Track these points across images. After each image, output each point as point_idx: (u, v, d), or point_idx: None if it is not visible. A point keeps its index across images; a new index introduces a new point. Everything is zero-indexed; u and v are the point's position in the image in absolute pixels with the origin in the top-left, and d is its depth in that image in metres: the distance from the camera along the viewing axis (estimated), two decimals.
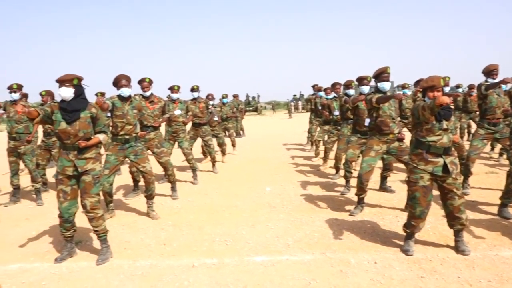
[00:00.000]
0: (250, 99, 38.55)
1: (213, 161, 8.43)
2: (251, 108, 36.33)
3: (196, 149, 9.99)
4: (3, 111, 6.30)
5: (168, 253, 4.11)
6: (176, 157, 8.83)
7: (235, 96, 15.34)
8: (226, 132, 11.13)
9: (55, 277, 3.63)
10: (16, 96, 6.13)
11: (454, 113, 3.92)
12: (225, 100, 11.25)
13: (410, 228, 3.86)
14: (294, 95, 39.50)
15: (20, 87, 6.21)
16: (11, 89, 6.11)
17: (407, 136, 4.68)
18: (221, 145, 9.41)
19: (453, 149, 3.81)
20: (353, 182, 5.98)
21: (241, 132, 15.88)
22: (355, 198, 5.34)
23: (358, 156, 6.30)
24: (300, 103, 37.50)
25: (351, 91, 6.75)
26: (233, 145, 11.14)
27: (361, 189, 5.08)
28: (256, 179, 7.56)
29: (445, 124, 3.64)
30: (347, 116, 6.85)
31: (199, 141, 8.45)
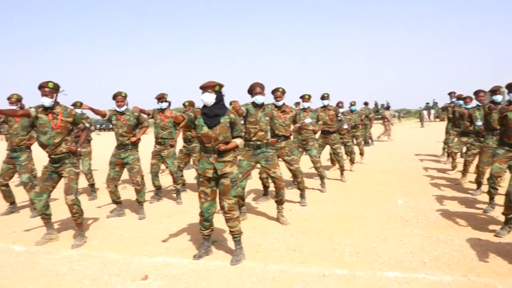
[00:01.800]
0: (379, 106, 37.32)
1: (342, 169, 8.32)
2: (379, 116, 35.16)
3: (324, 157, 9.97)
4: (151, 117, 6.97)
5: (298, 259, 4.13)
6: (304, 164, 8.88)
7: (366, 104, 14.99)
8: (354, 140, 10.92)
9: (194, 273, 3.87)
10: (164, 105, 6.76)
11: None
12: (353, 108, 11.05)
13: None
14: (427, 103, 37.29)
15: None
16: (161, 98, 6.75)
17: None
18: (350, 153, 9.26)
19: None
20: (498, 199, 5.44)
21: (370, 140, 15.48)
22: (501, 217, 4.82)
23: (505, 171, 5.70)
24: (432, 111, 35.29)
25: (499, 98, 6.12)
26: (361, 153, 10.86)
27: (510, 208, 4.56)
28: (386, 190, 7.27)
29: None
30: (493, 127, 6.23)
31: (327, 148, 8.42)
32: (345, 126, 8.93)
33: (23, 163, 6.20)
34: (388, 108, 17.88)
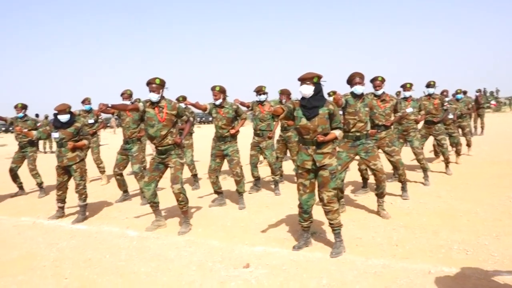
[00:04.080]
0: (488, 94, 34.60)
1: (447, 161, 7.84)
2: (488, 105, 32.67)
3: (427, 148, 9.47)
4: (250, 109, 7.12)
5: (400, 254, 3.98)
6: (405, 156, 8.51)
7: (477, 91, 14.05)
8: (460, 130, 10.22)
9: (294, 263, 3.90)
10: (263, 97, 6.87)
11: None
12: (459, 96, 10.32)
13: None
14: None
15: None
16: (260, 91, 6.86)
17: None
18: (456, 144, 8.68)
19: None
20: None
21: (481, 129, 14.56)
22: None
23: None
24: None
25: None
26: (468, 145, 10.13)
27: None
28: (498, 184, 6.72)
29: None
30: None
31: (430, 139, 7.99)
32: (451, 116, 8.37)
33: (135, 154, 6.68)
34: None
